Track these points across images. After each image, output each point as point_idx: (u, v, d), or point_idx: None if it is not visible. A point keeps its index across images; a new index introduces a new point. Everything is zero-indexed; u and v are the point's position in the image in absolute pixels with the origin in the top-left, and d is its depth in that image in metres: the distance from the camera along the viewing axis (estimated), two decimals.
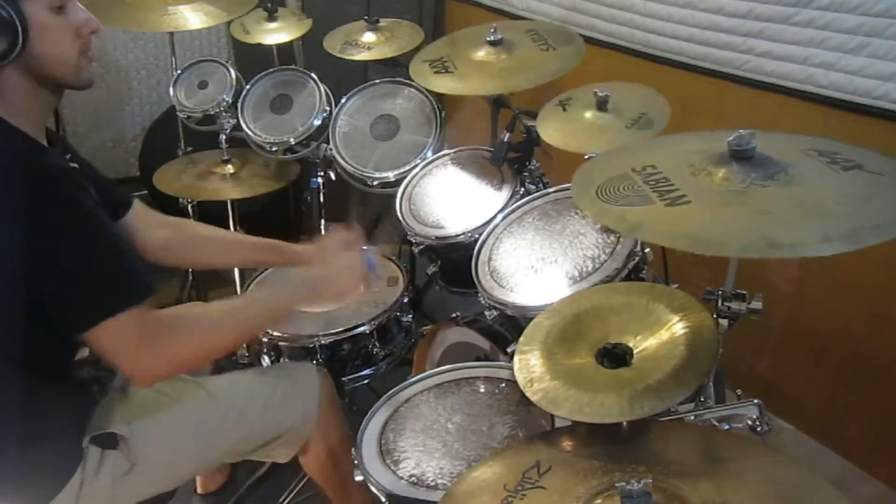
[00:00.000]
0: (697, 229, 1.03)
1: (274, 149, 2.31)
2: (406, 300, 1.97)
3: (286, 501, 1.96)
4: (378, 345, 1.91)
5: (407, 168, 2.10)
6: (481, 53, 1.98)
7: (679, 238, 1.02)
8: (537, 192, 1.83)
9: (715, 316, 1.23)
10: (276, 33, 2.55)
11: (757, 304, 1.23)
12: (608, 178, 1.19)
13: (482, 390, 1.53)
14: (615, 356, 1.24)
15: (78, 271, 1.20)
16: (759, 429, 1.23)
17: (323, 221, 2.41)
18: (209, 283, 2.68)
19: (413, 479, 1.34)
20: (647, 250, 1.57)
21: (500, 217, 1.79)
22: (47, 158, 1.26)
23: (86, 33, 1.27)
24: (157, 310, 1.25)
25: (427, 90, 2.18)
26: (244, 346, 2.13)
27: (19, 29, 1.18)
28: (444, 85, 1.96)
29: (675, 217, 1.06)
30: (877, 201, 1.04)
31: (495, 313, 1.64)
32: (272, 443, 1.56)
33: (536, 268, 1.63)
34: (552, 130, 1.75)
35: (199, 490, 2.00)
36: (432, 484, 1.32)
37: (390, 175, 2.12)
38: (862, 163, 1.11)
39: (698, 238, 1.01)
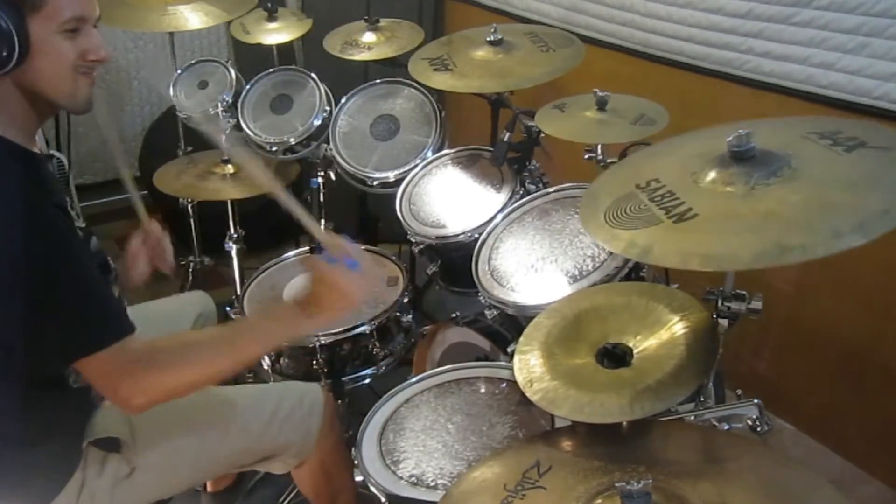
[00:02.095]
0: (707, 246, 1.02)
1: (274, 149, 2.31)
2: (406, 300, 1.97)
3: (286, 501, 1.96)
4: (378, 345, 1.91)
5: (407, 168, 2.10)
6: (481, 53, 1.98)
7: (690, 257, 1.01)
8: (537, 191, 1.83)
9: (715, 316, 1.23)
10: (276, 33, 2.55)
11: (757, 304, 1.23)
12: (615, 199, 1.18)
13: (482, 390, 1.53)
14: (615, 356, 1.24)
15: (61, 307, 1.18)
16: (759, 429, 1.23)
17: (323, 221, 2.41)
18: (209, 283, 2.68)
19: (413, 479, 1.34)
20: None
21: (500, 217, 1.79)
22: (37, 189, 1.22)
23: (89, 59, 1.25)
24: (135, 341, 1.22)
25: (427, 90, 2.18)
26: None
27: (16, 43, 1.15)
28: (443, 82, 1.96)
29: (684, 235, 1.04)
30: (885, 181, 1.00)
31: (495, 313, 1.64)
32: (271, 458, 1.56)
33: (537, 267, 1.63)
34: (552, 126, 1.75)
35: (208, 489, 1.99)
36: (432, 484, 1.32)
37: (390, 175, 2.12)
38: (865, 139, 1.09)
39: (709, 255, 1.00)
